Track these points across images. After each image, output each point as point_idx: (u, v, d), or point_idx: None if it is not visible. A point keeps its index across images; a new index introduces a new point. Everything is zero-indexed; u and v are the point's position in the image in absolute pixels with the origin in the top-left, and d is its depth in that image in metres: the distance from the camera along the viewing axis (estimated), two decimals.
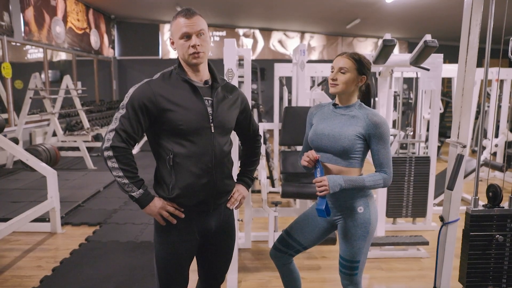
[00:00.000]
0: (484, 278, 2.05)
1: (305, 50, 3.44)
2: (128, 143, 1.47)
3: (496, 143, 5.31)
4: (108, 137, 1.46)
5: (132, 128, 1.46)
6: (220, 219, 1.65)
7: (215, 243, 1.68)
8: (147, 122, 1.49)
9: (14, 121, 6.73)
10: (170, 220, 1.53)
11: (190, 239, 1.59)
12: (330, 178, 1.64)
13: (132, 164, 1.48)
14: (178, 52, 1.53)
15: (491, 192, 2.06)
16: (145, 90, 1.47)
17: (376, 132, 1.68)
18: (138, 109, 1.45)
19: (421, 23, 9.70)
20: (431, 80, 3.32)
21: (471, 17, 1.87)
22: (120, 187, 1.49)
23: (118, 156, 1.45)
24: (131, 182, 1.47)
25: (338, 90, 1.73)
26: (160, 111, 1.46)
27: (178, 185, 1.51)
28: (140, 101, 1.45)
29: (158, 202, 1.52)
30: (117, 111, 1.49)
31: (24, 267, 2.96)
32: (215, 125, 1.53)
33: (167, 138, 1.50)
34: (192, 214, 1.57)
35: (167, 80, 1.52)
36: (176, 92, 1.49)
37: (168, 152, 1.50)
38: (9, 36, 6.53)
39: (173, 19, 1.51)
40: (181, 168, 1.50)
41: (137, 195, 1.49)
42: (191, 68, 1.54)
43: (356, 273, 1.77)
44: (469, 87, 1.95)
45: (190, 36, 1.47)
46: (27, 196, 4.56)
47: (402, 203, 3.55)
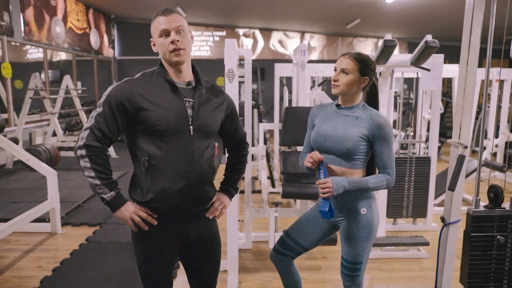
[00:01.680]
0: (485, 279, 2.04)
1: (305, 50, 3.44)
2: (103, 142, 1.41)
3: (496, 143, 5.31)
4: (82, 136, 1.41)
5: (108, 127, 1.41)
6: (199, 228, 1.58)
7: (197, 252, 1.62)
8: (124, 121, 1.44)
9: (14, 121, 6.72)
10: (142, 226, 1.47)
11: (167, 247, 1.53)
12: (334, 179, 1.63)
13: (106, 165, 1.43)
14: (159, 52, 1.48)
15: (492, 193, 2.05)
16: (123, 88, 1.43)
17: (380, 134, 1.67)
18: (114, 107, 1.40)
19: (421, 23, 9.70)
20: (432, 81, 3.32)
21: (472, 18, 1.87)
22: (91, 188, 1.43)
23: (91, 155, 1.39)
24: (103, 184, 1.41)
25: (339, 91, 1.71)
26: (137, 110, 1.41)
27: (153, 189, 1.45)
28: (117, 99, 1.41)
29: (130, 207, 1.46)
30: (94, 109, 1.44)
31: (24, 268, 2.96)
32: (194, 128, 1.47)
33: (144, 139, 1.44)
34: (167, 221, 1.50)
35: (148, 80, 1.47)
36: (156, 92, 1.44)
37: (143, 153, 1.44)
38: (9, 36, 6.52)
39: (152, 20, 1.47)
40: (157, 171, 1.44)
41: (108, 197, 1.42)
42: (173, 68, 1.49)
43: (358, 275, 1.77)
44: (470, 88, 1.95)
45: (169, 33, 1.44)
46: (27, 197, 4.56)
47: (403, 203, 3.55)
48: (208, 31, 11.55)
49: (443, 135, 6.80)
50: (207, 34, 11.57)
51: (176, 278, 2.79)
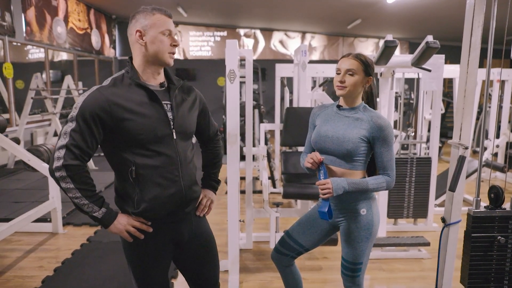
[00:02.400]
0: (485, 280, 2.04)
1: (306, 51, 3.45)
2: (82, 159, 1.33)
3: (497, 143, 5.30)
4: (58, 155, 1.30)
5: (86, 142, 1.32)
6: (192, 228, 1.57)
7: (193, 253, 1.60)
8: (101, 134, 1.35)
9: (15, 121, 6.74)
10: (138, 236, 1.43)
11: (163, 251, 1.51)
12: (334, 180, 1.63)
13: (90, 182, 1.36)
14: (151, 47, 1.38)
15: (492, 194, 2.05)
16: (96, 98, 1.33)
17: (381, 135, 1.67)
18: (90, 120, 1.31)
19: (422, 23, 9.70)
20: (433, 81, 3.32)
21: (473, 19, 1.87)
22: (78, 209, 1.36)
23: (73, 175, 1.31)
24: (91, 202, 1.35)
25: (346, 92, 1.69)
26: (116, 121, 1.33)
27: (144, 199, 1.40)
28: (92, 111, 1.31)
29: (122, 219, 1.41)
30: (64, 124, 1.33)
31: (26, 267, 2.97)
32: (176, 131, 1.43)
33: (127, 149, 1.37)
34: (161, 226, 1.47)
35: (120, 86, 1.38)
36: (132, 99, 1.36)
37: (129, 163, 1.37)
38: (10, 36, 6.53)
39: (149, 14, 1.39)
40: (146, 180, 1.39)
41: (100, 214, 1.37)
42: (155, 69, 1.43)
43: (359, 275, 1.77)
44: (471, 89, 1.95)
45: (171, 34, 1.41)
46: (29, 197, 4.57)
47: (403, 203, 3.55)
48: (209, 31, 11.56)
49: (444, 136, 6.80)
50: (208, 34, 11.58)
51: (177, 279, 2.80)
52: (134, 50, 1.43)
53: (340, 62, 1.72)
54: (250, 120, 3.16)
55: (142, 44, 1.39)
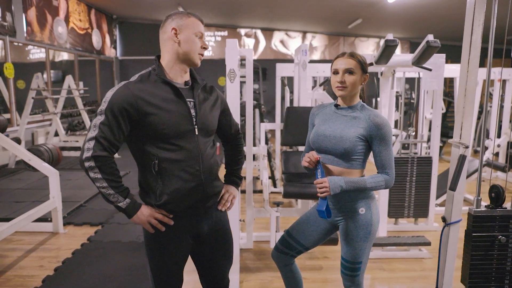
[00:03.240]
0: (486, 279, 2.04)
1: (307, 50, 3.44)
2: (110, 151, 1.40)
3: (498, 143, 5.29)
4: (88, 146, 1.38)
5: (114, 135, 1.39)
6: (212, 222, 1.61)
7: (211, 247, 1.64)
8: (128, 127, 1.42)
9: (16, 121, 6.75)
10: (159, 228, 1.49)
11: (182, 245, 1.55)
12: (331, 179, 1.64)
13: (116, 173, 1.42)
14: (183, 45, 1.47)
15: (493, 193, 2.05)
16: (124, 93, 1.40)
17: (378, 134, 1.66)
18: (118, 114, 1.38)
19: (423, 23, 9.68)
20: (433, 80, 3.31)
21: (473, 17, 1.87)
22: (104, 198, 1.43)
23: (101, 166, 1.37)
24: (117, 192, 1.41)
25: (347, 92, 1.68)
26: (142, 115, 1.40)
27: (166, 191, 1.46)
28: (120, 105, 1.38)
29: (146, 210, 1.47)
30: (94, 118, 1.41)
31: (26, 267, 2.97)
32: (198, 127, 1.49)
33: (151, 143, 1.43)
34: (182, 219, 1.52)
35: (146, 82, 1.45)
36: (157, 95, 1.43)
37: (152, 157, 1.43)
38: (11, 36, 6.54)
39: (185, 16, 1.48)
40: (168, 173, 1.45)
41: (124, 205, 1.43)
42: (181, 68, 1.50)
43: (358, 274, 1.77)
44: (471, 88, 1.95)
45: (202, 38, 1.51)
46: (29, 196, 4.58)
47: (404, 203, 3.54)
48: (210, 31, 11.57)
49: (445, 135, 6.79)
50: (209, 34, 11.59)
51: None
52: (165, 47, 1.50)
53: (336, 63, 1.72)
54: (250, 120, 3.15)
55: (176, 41, 1.47)
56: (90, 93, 8.58)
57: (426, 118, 5.12)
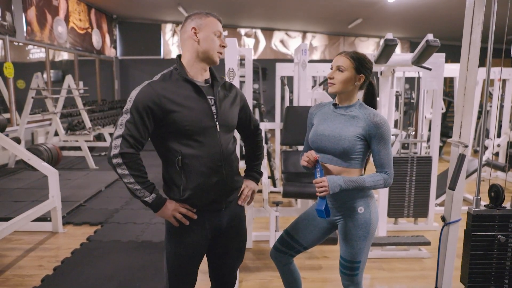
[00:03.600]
0: (486, 279, 2.04)
1: (306, 50, 3.44)
2: (136, 148, 1.46)
3: (498, 143, 5.29)
4: (115, 144, 1.44)
5: (139, 132, 1.45)
6: (231, 217, 1.66)
7: (226, 242, 1.69)
8: (152, 124, 1.48)
9: (16, 121, 6.75)
10: (184, 222, 1.54)
11: (202, 239, 1.60)
12: (330, 178, 1.64)
13: (142, 169, 1.48)
14: (203, 44, 1.52)
15: (493, 192, 2.05)
16: (148, 92, 1.46)
17: (377, 133, 1.66)
18: (143, 112, 1.44)
19: (423, 22, 9.68)
20: (433, 80, 3.31)
21: (473, 16, 1.86)
22: (131, 193, 1.49)
23: (128, 162, 1.44)
24: (143, 188, 1.47)
25: (335, 89, 1.71)
26: (165, 112, 1.46)
27: (189, 186, 1.51)
28: (144, 104, 1.44)
29: (170, 205, 1.53)
30: (120, 116, 1.47)
31: (25, 266, 2.97)
32: (220, 124, 1.54)
33: (174, 139, 1.49)
34: (204, 214, 1.57)
35: (168, 81, 1.51)
36: (179, 93, 1.49)
37: (176, 153, 1.49)
38: (11, 36, 6.54)
39: (204, 15, 1.54)
40: (191, 168, 1.50)
41: (150, 199, 1.49)
42: (201, 66, 1.55)
43: (357, 274, 1.77)
44: (471, 87, 1.94)
45: (221, 37, 1.56)
46: (29, 196, 4.57)
47: (404, 203, 3.54)
48: None
49: (445, 135, 6.78)
50: None
51: None
52: (186, 46, 1.55)
53: (333, 60, 1.75)
54: None
55: (195, 40, 1.52)
56: (90, 93, 8.58)
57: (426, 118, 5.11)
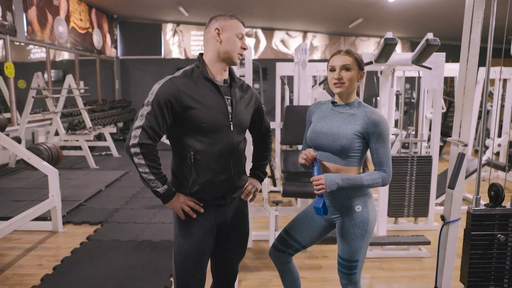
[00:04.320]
0: (485, 278, 2.03)
1: (306, 49, 3.44)
2: (154, 139, 1.51)
3: (499, 142, 5.28)
4: (135, 134, 1.49)
5: (158, 125, 1.50)
6: (235, 212, 1.72)
7: (228, 237, 1.73)
8: (171, 118, 1.52)
9: (16, 120, 6.75)
10: (191, 214, 1.59)
11: (209, 232, 1.65)
12: (327, 176, 1.63)
13: (157, 161, 1.53)
14: (225, 44, 1.56)
15: (493, 191, 2.04)
16: (169, 86, 1.51)
17: (375, 131, 1.66)
18: (163, 105, 1.49)
19: (423, 22, 9.67)
20: (433, 79, 3.30)
21: (472, 15, 1.86)
22: (144, 183, 1.54)
23: (145, 153, 1.48)
24: (157, 178, 1.51)
25: (345, 88, 1.69)
26: (184, 108, 1.50)
27: (198, 181, 1.56)
28: (165, 97, 1.49)
29: (180, 198, 1.58)
30: (141, 108, 1.52)
31: (25, 266, 2.97)
32: (234, 124, 1.59)
33: (189, 135, 1.54)
34: (210, 208, 1.63)
35: (189, 78, 1.56)
36: (199, 90, 1.53)
37: (189, 148, 1.54)
38: (12, 35, 6.55)
39: (228, 17, 1.60)
40: (202, 164, 1.55)
41: (162, 190, 1.54)
42: (221, 66, 1.59)
43: (355, 272, 1.76)
44: (470, 86, 1.94)
45: (243, 39, 1.61)
46: (29, 195, 4.58)
47: (404, 202, 3.53)
48: None
49: (445, 135, 6.78)
50: None
51: None
52: (208, 46, 1.60)
53: (332, 60, 1.72)
54: None
55: (218, 40, 1.57)
56: (91, 92, 8.58)
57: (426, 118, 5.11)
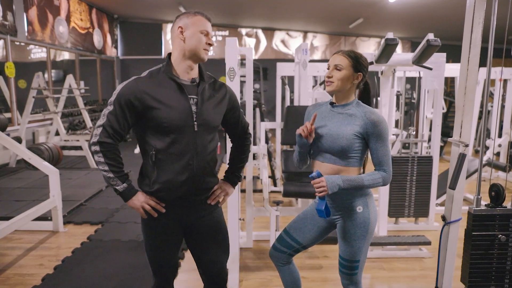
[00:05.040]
0: (486, 278, 2.03)
1: (307, 49, 3.44)
2: (114, 138, 1.52)
3: (499, 143, 5.28)
4: (95, 133, 1.52)
5: (119, 124, 1.51)
6: (202, 215, 1.68)
7: (203, 240, 1.71)
8: (134, 118, 1.54)
9: (17, 120, 6.75)
10: (152, 214, 1.59)
11: (173, 232, 1.66)
12: (328, 178, 1.63)
13: (118, 159, 1.54)
14: (189, 42, 1.55)
15: (493, 192, 2.04)
16: (131, 87, 1.52)
17: (375, 131, 1.66)
18: (124, 106, 1.50)
19: (424, 22, 9.67)
20: (434, 80, 3.30)
21: (473, 15, 1.86)
22: (105, 181, 1.56)
23: (105, 151, 1.51)
24: (116, 176, 1.53)
25: (334, 88, 1.70)
26: (145, 108, 1.51)
27: (159, 180, 1.56)
28: (126, 98, 1.50)
29: (141, 196, 1.58)
30: (105, 108, 1.54)
31: (26, 265, 2.97)
32: (198, 123, 1.56)
33: (151, 134, 1.54)
34: (173, 208, 1.62)
35: (155, 78, 1.56)
36: (162, 90, 1.53)
37: (151, 148, 1.54)
38: (12, 35, 6.55)
39: (191, 14, 1.58)
40: (163, 164, 1.55)
41: (121, 188, 1.55)
42: (188, 65, 1.57)
43: (356, 273, 1.76)
44: (471, 86, 1.94)
45: (208, 35, 1.59)
46: (30, 195, 4.58)
47: (404, 203, 3.53)
48: None
49: (446, 135, 6.77)
50: None
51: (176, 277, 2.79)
52: (174, 45, 1.60)
53: (330, 59, 1.74)
54: (250, 119, 3.15)
55: (181, 39, 1.56)
56: (91, 92, 8.59)
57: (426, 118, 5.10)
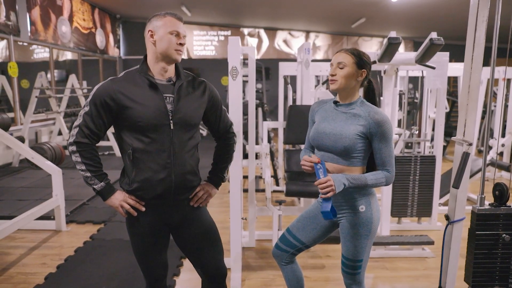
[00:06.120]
0: (490, 278, 2.03)
1: (309, 49, 3.43)
2: (91, 138, 1.55)
3: (502, 142, 5.26)
4: (72, 133, 1.55)
5: (95, 124, 1.54)
6: (185, 214, 1.68)
7: (191, 238, 1.71)
8: (110, 118, 1.56)
9: (20, 120, 6.77)
10: (131, 212, 1.60)
11: (157, 232, 1.66)
12: (335, 177, 1.60)
13: (95, 159, 1.57)
14: (159, 45, 1.55)
15: (497, 191, 2.04)
16: (107, 87, 1.54)
17: (378, 131, 1.64)
18: (99, 106, 1.52)
19: (427, 22, 9.64)
20: (437, 79, 3.29)
21: (477, 13, 1.85)
22: (83, 180, 1.58)
23: (81, 151, 1.54)
24: (93, 176, 1.56)
25: (338, 86, 1.68)
26: (120, 108, 1.52)
27: (137, 179, 1.57)
28: (101, 98, 1.52)
29: (119, 195, 1.60)
30: (82, 108, 1.56)
31: (29, 264, 2.98)
32: (174, 122, 1.56)
33: (128, 133, 1.56)
34: (154, 207, 1.63)
35: (130, 78, 1.57)
36: (136, 90, 1.54)
37: (128, 147, 1.56)
38: (15, 35, 6.57)
39: (161, 16, 1.57)
40: (140, 162, 1.56)
41: (99, 187, 1.58)
42: (161, 66, 1.58)
43: (359, 272, 1.76)
44: (475, 85, 1.93)
45: (179, 35, 1.57)
46: (33, 194, 4.59)
47: (407, 202, 3.52)
48: (213, 30, 11.57)
49: (448, 134, 6.75)
50: (212, 33, 11.58)
51: (179, 276, 2.80)
52: (147, 48, 1.61)
53: (333, 58, 1.73)
54: (253, 119, 3.15)
55: (152, 42, 1.57)
56: None
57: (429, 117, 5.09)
